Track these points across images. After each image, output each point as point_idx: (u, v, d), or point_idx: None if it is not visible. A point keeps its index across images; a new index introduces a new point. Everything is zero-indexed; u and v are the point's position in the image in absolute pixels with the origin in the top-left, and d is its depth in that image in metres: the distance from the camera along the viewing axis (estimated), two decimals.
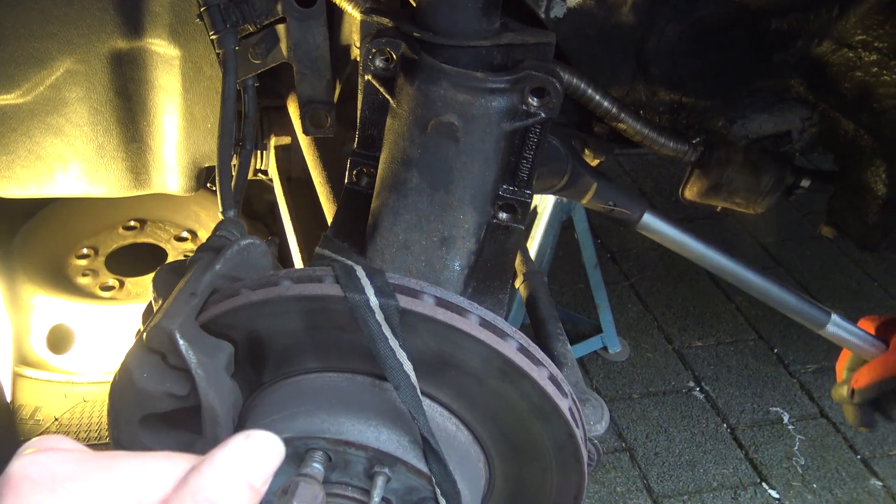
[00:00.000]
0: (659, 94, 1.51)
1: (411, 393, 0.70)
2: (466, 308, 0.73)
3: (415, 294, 0.73)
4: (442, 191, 0.87)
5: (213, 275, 0.81)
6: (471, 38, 0.86)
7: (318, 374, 0.80)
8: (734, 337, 2.68)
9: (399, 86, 0.87)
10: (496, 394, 0.75)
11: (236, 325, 0.78)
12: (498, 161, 0.89)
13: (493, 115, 0.86)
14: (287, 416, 0.76)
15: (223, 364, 0.76)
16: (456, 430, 0.78)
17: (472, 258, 0.91)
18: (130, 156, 1.38)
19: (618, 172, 3.67)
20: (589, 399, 0.97)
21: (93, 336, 1.75)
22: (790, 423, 2.28)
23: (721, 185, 1.59)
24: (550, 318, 1.11)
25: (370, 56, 0.90)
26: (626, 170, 3.65)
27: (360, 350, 0.72)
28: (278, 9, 0.95)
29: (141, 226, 2.17)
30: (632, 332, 2.61)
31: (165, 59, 1.23)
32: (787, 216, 3.42)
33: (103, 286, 1.94)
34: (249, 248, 0.85)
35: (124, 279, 1.96)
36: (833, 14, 1.36)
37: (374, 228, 0.90)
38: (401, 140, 0.87)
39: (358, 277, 0.73)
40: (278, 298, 0.74)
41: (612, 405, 2.27)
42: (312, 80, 1.01)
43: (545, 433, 0.77)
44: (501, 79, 0.86)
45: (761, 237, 3.42)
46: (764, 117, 1.58)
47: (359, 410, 0.74)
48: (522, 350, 0.74)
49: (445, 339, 0.73)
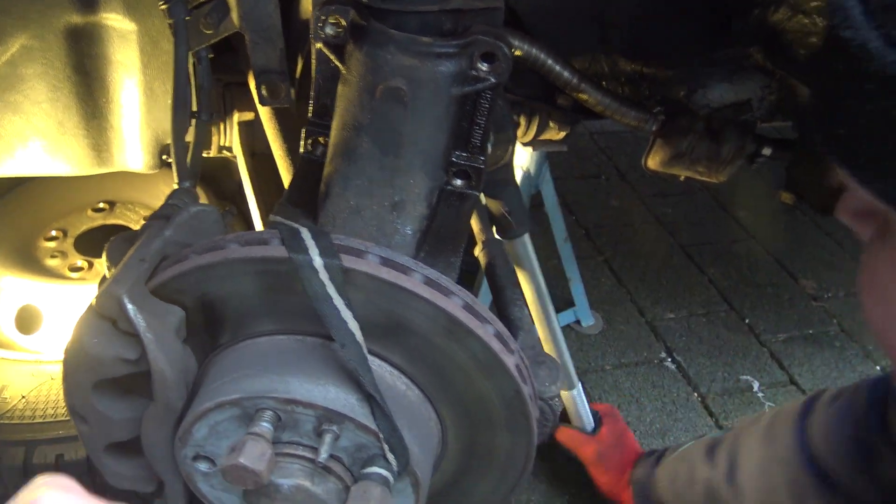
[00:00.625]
0: (620, 64, 1.53)
1: (357, 351, 0.72)
2: (410, 267, 0.74)
3: (359, 254, 0.74)
4: (392, 155, 0.87)
5: (163, 241, 0.82)
6: (418, 3, 0.86)
7: (270, 337, 0.81)
8: (706, 308, 2.71)
9: (348, 52, 0.88)
10: (443, 352, 0.76)
11: (186, 290, 0.78)
12: (448, 126, 0.90)
13: (441, 80, 0.86)
14: (237, 377, 0.77)
15: (173, 328, 0.77)
16: (406, 388, 0.80)
17: (425, 223, 0.91)
18: (91, 133, 1.38)
19: (593, 150, 3.69)
20: (545, 361, 0.98)
21: (61, 316, 1.75)
22: (760, 391, 2.32)
23: (683, 154, 1.61)
24: (509, 285, 1.12)
25: (320, 24, 0.90)
26: (600, 147, 3.67)
27: (310, 311, 0.73)
28: None
29: (110, 207, 2.16)
30: (605, 305, 2.63)
31: (121, 34, 1.22)
32: (759, 189, 3.45)
33: (72, 267, 1.93)
34: (200, 215, 0.86)
35: (93, 260, 1.95)
36: None
37: (326, 195, 0.90)
38: (351, 106, 0.88)
39: (303, 238, 0.74)
40: (225, 261, 0.75)
41: (584, 377, 2.29)
42: (266, 50, 1.01)
43: (492, 390, 0.78)
44: (449, 43, 0.86)
45: (734, 210, 3.45)
46: (724, 86, 1.60)
47: (308, 370, 0.75)
48: (467, 307, 0.75)
49: (391, 298, 0.74)
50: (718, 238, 3.24)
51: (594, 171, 3.60)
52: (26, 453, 1.45)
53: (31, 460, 1.44)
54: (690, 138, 1.59)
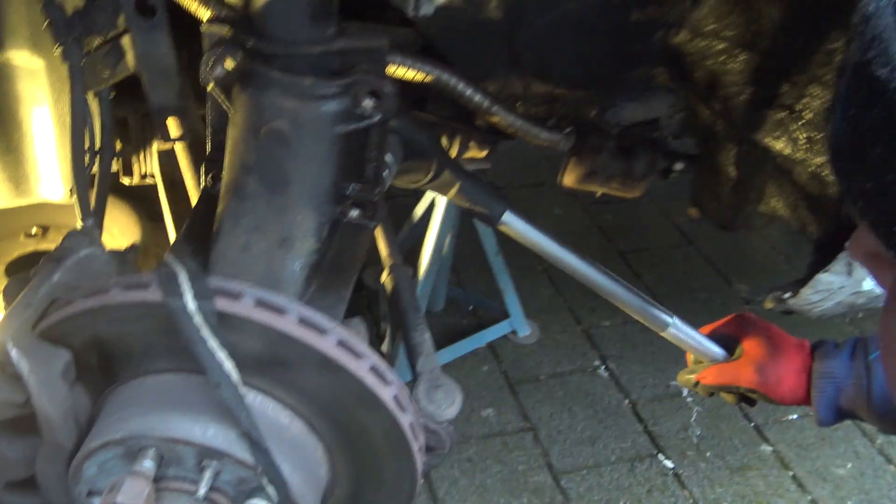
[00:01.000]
0: (533, 85, 1.57)
1: (232, 390, 0.75)
2: (285, 307, 0.77)
3: (235, 296, 0.77)
4: (279, 194, 0.91)
5: (51, 285, 0.84)
6: (302, 45, 0.89)
7: (157, 375, 0.83)
8: None
9: (235, 94, 0.91)
10: (321, 386, 0.80)
11: (73, 333, 0.81)
12: (334, 163, 0.93)
13: (323, 120, 0.90)
14: (124, 416, 0.79)
15: (59, 371, 0.79)
16: (290, 422, 0.83)
17: (314, 257, 0.95)
18: (8, 167, 1.39)
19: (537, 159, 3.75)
20: (442, 384, 1.02)
21: None
22: (689, 396, 2.39)
23: (596, 172, 1.67)
24: (411, 310, 1.16)
25: (209, 65, 0.94)
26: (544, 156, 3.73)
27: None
28: (121, 21, 0.97)
29: (43, 233, 2.16)
30: (542, 314, 2.69)
31: (30, 72, 1.24)
32: None
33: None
34: (90, 258, 0.88)
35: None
36: (687, 4, 1.44)
37: (217, 232, 0.93)
38: (238, 147, 0.91)
39: (180, 282, 0.76)
40: (106, 306, 0.77)
41: (519, 387, 2.34)
42: (162, 89, 1.03)
43: (371, 421, 0.82)
44: (331, 84, 0.90)
45: (675, 216, 3.53)
46: (633, 105, 1.66)
47: (190, 409, 0.78)
48: (342, 344, 0.78)
49: (267, 338, 0.77)
50: (657, 244, 3.32)
51: (537, 180, 3.66)
52: None
53: None
54: (603, 156, 1.65)
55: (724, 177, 1.52)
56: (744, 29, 1.35)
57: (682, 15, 1.46)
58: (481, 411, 2.23)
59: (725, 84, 1.40)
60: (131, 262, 1.03)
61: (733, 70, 1.39)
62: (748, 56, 1.36)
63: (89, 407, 0.86)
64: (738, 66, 1.37)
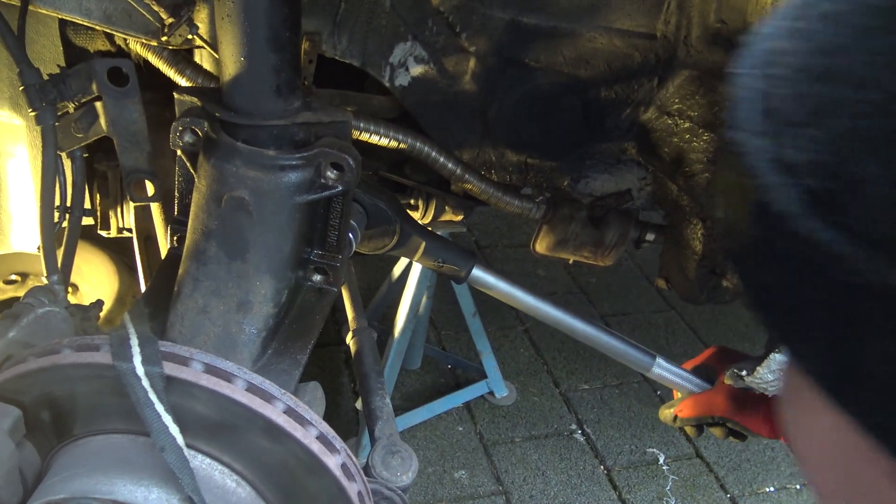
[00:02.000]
0: (506, 155, 1.62)
1: (177, 454, 0.76)
2: (234, 373, 0.79)
3: (184, 361, 0.78)
4: (238, 260, 0.93)
5: (6, 342, 0.86)
6: (267, 117, 0.93)
7: (106, 436, 0.84)
8: (620, 380, 2.78)
9: (200, 162, 0.94)
10: (269, 453, 0.81)
11: (24, 391, 0.82)
12: (294, 230, 0.96)
13: (284, 190, 0.93)
14: (67, 476, 0.80)
15: (6, 428, 0.80)
16: (236, 486, 0.83)
17: (272, 321, 0.97)
18: None
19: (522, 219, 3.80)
20: (399, 451, 1.04)
21: None
22: (665, 464, 2.38)
23: (567, 240, 1.70)
24: (372, 374, 1.17)
25: (178, 133, 0.97)
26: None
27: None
28: (94, 88, 1.01)
29: (22, 279, 2.17)
30: (521, 376, 2.69)
31: (9, 129, 1.27)
32: None
33: None
34: (48, 316, 0.90)
35: None
36: (654, 84, 1.49)
37: (177, 294, 0.95)
38: (201, 212, 0.94)
39: (130, 346, 0.78)
40: (56, 366, 0.79)
41: (493, 449, 2.33)
42: (133, 152, 1.06)
43: (318, 488, 0.83)
44: (293, 156, 0.93)
45: (656, 281, 3.56)
46: (605, 177, 1.70)
47: (134, 471, 0.79)
48: (289, 412, 0.80)
49: (214, 404, 0.78)
50: (640, 308, 3.34)
51: (524, 240, 3.70)
52: None
53: None
54: (574, 225, 1.68)
55: (691, 251, 1.55)
56: (707, 110, 1.40)
57: (649, 94, 1.52)
58: (454, 472, 2.22)
59: (690, 161, 1.45)
60: (94, 318, 1.05)
61: (697, 148, 1.43)
62: (711, 136, 1.40)
63: (38, 464, 0.86)
64: (702, 144, 1.42)
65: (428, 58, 1.44)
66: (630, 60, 1.45)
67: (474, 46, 1.43)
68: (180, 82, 1.21)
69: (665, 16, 1.38)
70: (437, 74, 1.46)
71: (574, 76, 1.48)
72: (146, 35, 1.10)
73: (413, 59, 1.44)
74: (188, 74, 1.20)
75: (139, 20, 1.09)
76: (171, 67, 1.21)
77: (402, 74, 1.45)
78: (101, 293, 2.09)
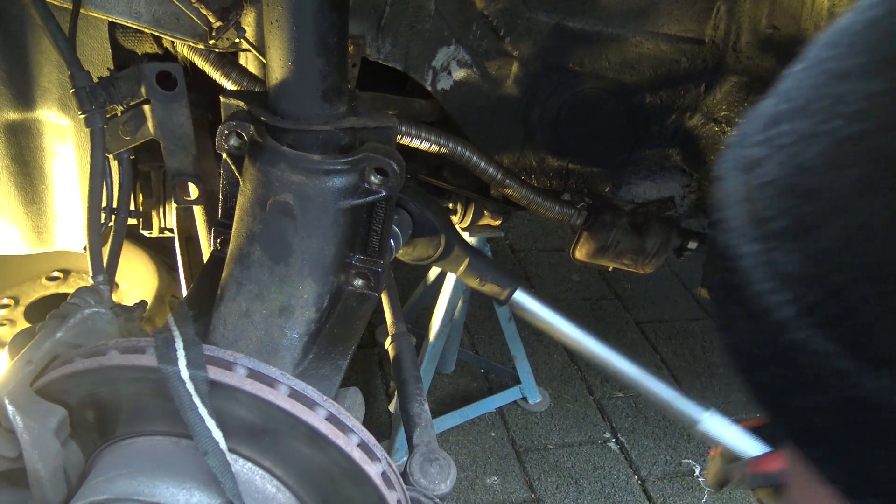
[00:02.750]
0: (547, 160, 1.60)
1: (219, 459, 0.76)
2: (277, 378, 0.79)
3: (227, 365, 0.78)
4: (282, 264, 0.93)
5: (53, 342, 0.86)
6: (313, 122, 0.93)
7: (148, 437, 0.84)
8: None
9: (245, 166, 0.94)
10: (309, 459, 0.80)
11: (70, 391, 0.82)
12: (338, 235, 0.96)
13: (328, 195, 0.92)
14: (112, 477, 0.80)
15: (52, 427, 0.81)
16: (276, 491, 0.83)
17: (313, 326, 0.96)
18: (31, 216, 1.43)
19: (558, 223, 3.77)
20: (437, 459, 1.03)
21: None
22: (701, 476, 2.34)
23: (607, 247, 1.67)
24: (411, 379, 1.17)
25: (223, 136, 0.97)
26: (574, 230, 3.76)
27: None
28: (143, 91, 1.02)
29: (64, 276, 2.20)
30: (554, 382, 2.66)
31: (57, 129, 1.29)
32: None
33: None
34: (94, 317, 0.91)
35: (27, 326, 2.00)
36: (701, 90, 1.47)
37: (220, 297, 0.95)
38: (245, 216, 0.94)
39: (175, 349, 0.78)
40: (102, 368, 0.79)
41: (526, 456, 2.31)
42: (179, 155, 1.07)
43: (358, 496, 0.82)
44: (338, 161, 0.93)
45: (694, 288, 3.51)
46: (647, 184, 1.68)
47: (177, 474, 0.79)
48: (331, 418, 0.79)
49: (257, 409, 0.78)
50: (676, 316, 3.30)
51: (558, 245, 3.68)
52: None
53: None
54: (615, 233, 1.66)
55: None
56: None
57: (695, 100, 1.49)
58: (486, 478, 2.20)
59: None
60: (137, 318, 1.06)
61: None
62: None
63: (82, 464, 0.87)
64: None
65: (471, 62, 1.43)
66: (677, 66, 1.43)
67: (518, 51, 1.42)
68: (225, 85, 1.22)
69: (714, 21, 1.35)
70: (479, 78, 1.45)
71: (619, 81, 1.46)
72: (194, 38, 1.11)
73: (456, 63, 1.43)
74: (233, 77, 1.21)
75: (187, 23, 1.09)
76: (216, 70, 1.21)
77: (445, 78, 1.44)
78: (141, 291, 2.12)
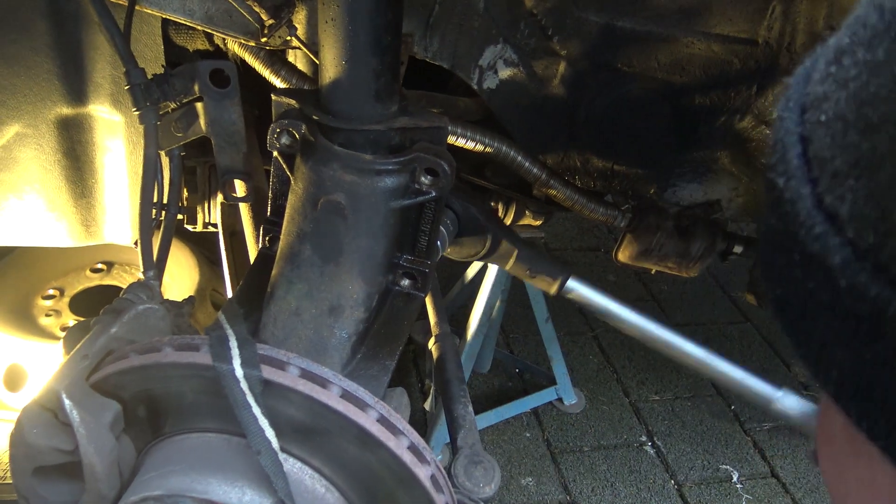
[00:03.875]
0: (592, 161, 1.58)
1: (272, 459, 0.76)
2: (329, 379, 0.79)
3: (281, 365, 0.78)
4: (332, 263, 0.93)
5: (108, 338, 0.87)
6: (365, 121, 0.93)
7: (200, 434, 0.85)
8: (692, 392, 2.70)
9: (297, 164, 0.94)
10: (359, 460, 0.80)
11: (124, 386, 0.83)
12: (388, 235, 0.95)
13: (380, 194, 0.92)
14: (164, 473, 0.81)
15: (108, 422, 0.82)
16: (325, 491, 0.83)
17: (362, 326, 0.96)
18: (80, 210, 1.45)
19: (594, 222, 3.74)
20: (482, 461, 1.02)
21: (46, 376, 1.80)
22: (739, 482, 2.30)
23: (651, 250, 1.65)
24: (455, 380, 1.16)
25: (275, 134, 0.98)
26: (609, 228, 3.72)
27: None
28: (196, 89, 1.02)
29: (108, 268, 2.24)
30: (590, 383, 2.64)
31: (109, 124, 1.30)
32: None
33: (63, 327, 2.00)
34: (147, 313, 0.91)
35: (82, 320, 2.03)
36: (753, 92, 1.44)
37: (270, 295, 0.96)
38: (296, 215, 0.94)
39: (229, 348, 0.78)
40: (157, 364, 0.80)
41: (561, 457, 2.29)
42: (230, 153, 1.07)
43: (407, 499, 0.82)
44: (390, 161, 0.92)
45: (732, 290, 3.46)
46: (694, 186, 1.65)
47: (229, 471, 0.79)
48: (382, 420, 0.79)
49: (308, 409, 0.78)
50: (713, 319, 3.25)
51: (594, 244, 3.64)
52: None
53: None
54: (659, 235, 1.63)
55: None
56: None
57: (746, 102, 1.46)
58: (521, 479, 2.20)
59: None
60: (186, 314, 1.07)
61: None
62: None
63: (134, 458, 0.88)
64: None
65: (518, 61, 1.42)
66: (728, 67, 1.40)
67: (566, 50, 1.40)
68: (275, 83, 1.22)
69: (768, 21, 1.32)
70: (525, 78, 1.44)
71: (668, 82, 1.44)
72: (245, 35, 1.11)
73: (503, 62, 1.42)
74: (283, 75, 1.21)
75: (239, 21, 1.10)
76: (266, 68, 1.22)
77: (491, 77, 1.43)
78: (183, 286, 2.14)
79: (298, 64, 1.27)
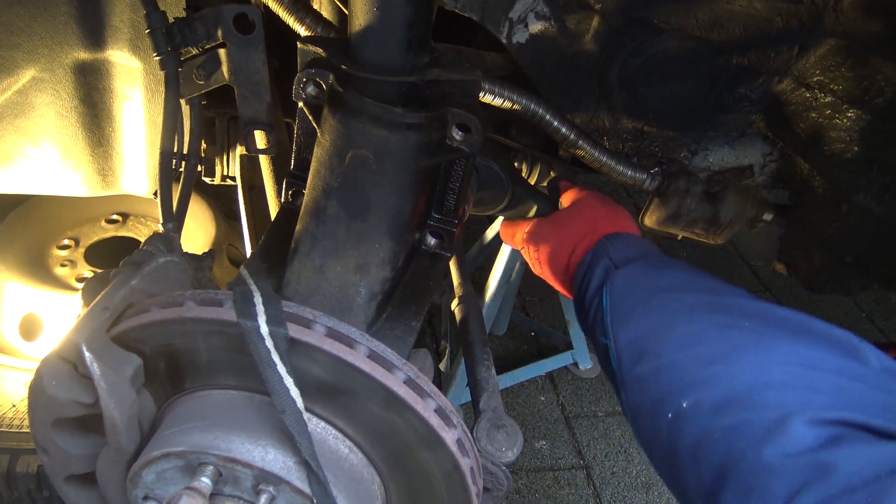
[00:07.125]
0: (622, 121, 1.54)
1: (296, 418, 0.74)
2: (356, 339, 0.76)
3: (307, 323, 0.76)
4: (358, 220, 0.90)
5: (129, 290, 0.85)
6: (396, 72, 0.89)
7: (222, 391, 0.83)
8: None
9: (324, 116, 0.90)
10: (385, 422, 0.78)
11: (145, 340, 0.81)
12: (416, 193, 0.92)
13: (409, 150, 0.88)
14: (187, 429, 0.79)
15: (128, 376, 0.80)
16: (349, 452, 0.81)
17: (388, 285, 0.93)
18: (97, 159, 1.42)
19: (613, 187, 3.68)
20: (504, 426, 1.00)
21: (62, 326, 1.80)
22: None
23: (679, 215, 1.61)
24: (478, 343, 1.14)
25: (301, 84, 0.94)
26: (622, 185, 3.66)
27: (259, 371, 0.75)
28: (219, 34, 0.98)
29: (123, 220, 2.22)
30: None
31: (127, 71, 1.27)
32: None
33: (79, 278, 1.99)
34: (168, 266, 0.89)
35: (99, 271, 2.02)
36: (794, 53, 1.38)
37: (294, 251, 0.93)
38: (322, 168, 0.90)
39: (254, 304, 0.76)
40: (180, 319, 0.77)
41: (576, 422, 2.28)
42: (253, 103, 1.04)
43: (432, 461, 0.80)
44: (420, 115, 0.88)
45: (752, 259, 3.42)
46: (725, 150, 1.60)
47: (251, 429, 0.78)
48: (409, 382, 0.77)
49: (334, 369, 0.76)
50: None
51: None
52: (10, 461, 1.47)
53: (14, 469, 1.46)
54: (688, 200, 1.59)
55: (820, 237, 1.44)
56: (854, 84, 1.29)
57: (786, 63, 1.41)
58: (535, 442, 2.19)
59: (829, 139, 1.34)
60: (207, 268, 1.04)
61: (840, 126, 1.32)
62: (857, 113, 1.29)
63: (154, 413, 0.86)
64: (846, 122, 1.31)
65: (549, 14, 1.37)
66: (769, 26, 1.34)
67: (600, 4, 1.34)
68: (300, 31, 1.18)
69: None
70: (556, 32, 1.39)
71: (705, 40, 1.38)
72: None
73: (534, 15, 1.37)
74: (307, 23, 1.16)
75: None
76: (290, 15, 1.17)
77: (521, 31, 1.38)
78: (199, 239, 2.12)
79: (323, 12, 1.22)
